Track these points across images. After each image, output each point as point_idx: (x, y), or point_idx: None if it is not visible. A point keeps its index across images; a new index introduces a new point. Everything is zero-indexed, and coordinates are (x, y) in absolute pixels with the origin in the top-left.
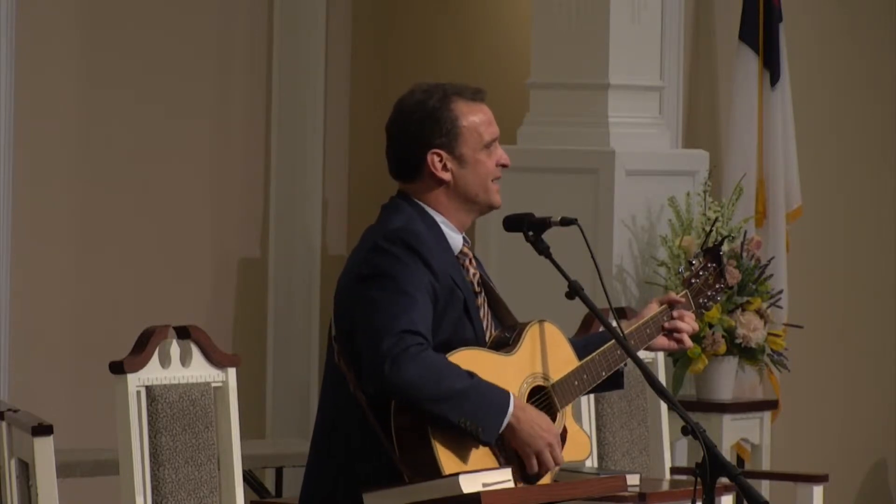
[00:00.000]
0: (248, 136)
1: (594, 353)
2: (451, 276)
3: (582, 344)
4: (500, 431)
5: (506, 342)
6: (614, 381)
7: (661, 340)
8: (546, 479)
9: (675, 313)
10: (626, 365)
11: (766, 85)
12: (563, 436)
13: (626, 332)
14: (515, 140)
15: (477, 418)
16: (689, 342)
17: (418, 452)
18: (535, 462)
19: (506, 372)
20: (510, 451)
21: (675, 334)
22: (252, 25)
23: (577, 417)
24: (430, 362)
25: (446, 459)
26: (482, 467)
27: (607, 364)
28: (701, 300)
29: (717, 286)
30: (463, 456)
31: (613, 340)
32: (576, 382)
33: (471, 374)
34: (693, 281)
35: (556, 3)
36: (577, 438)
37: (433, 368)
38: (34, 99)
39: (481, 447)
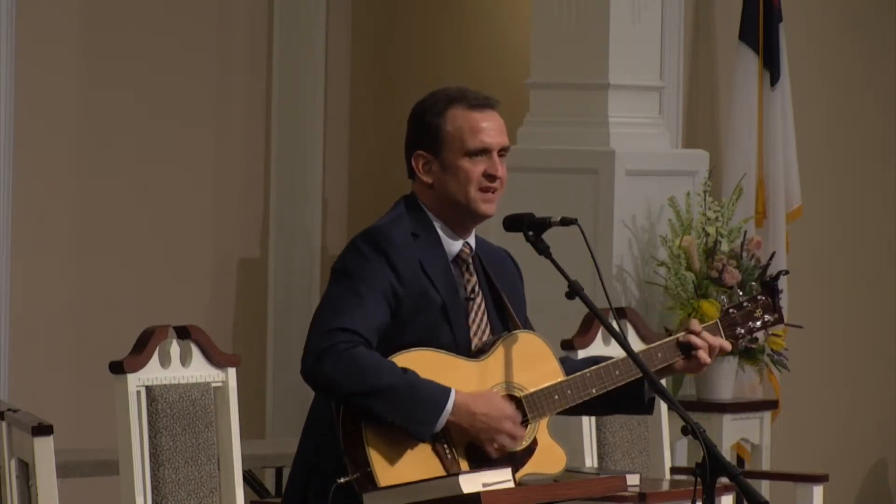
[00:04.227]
0: (248, 137)
1: (586, 370)
2: (428, 279)
3: (585, 363)
4: (440, 428)
5: (483, 349)
6: (640, 405)
7: (680, 362)
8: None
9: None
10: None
11: (766, 85)
12: (532, 449)
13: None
14: (515, 140)
15: (408, 414)
16: (706, 358)
17: (356, 448)
18: (492, 450)
19: (469, 378)
20: (461, 444)
21: (692, 353)
22: (252, 27)
23: (577, 418)
24: (355, 359)
25: (376, 456)
26: (416, 466)
27: (601, 383)
28: (738, 331)
29: (765, 318)
30: (396, 452)
31: (612, 360)
32: (556, 396)
33: (405, 371)
34: (731, 311)
35: (556, 3)
36: (551, 451)
37: (358, 365)
38: (34, 99)
39: (422, 445)
